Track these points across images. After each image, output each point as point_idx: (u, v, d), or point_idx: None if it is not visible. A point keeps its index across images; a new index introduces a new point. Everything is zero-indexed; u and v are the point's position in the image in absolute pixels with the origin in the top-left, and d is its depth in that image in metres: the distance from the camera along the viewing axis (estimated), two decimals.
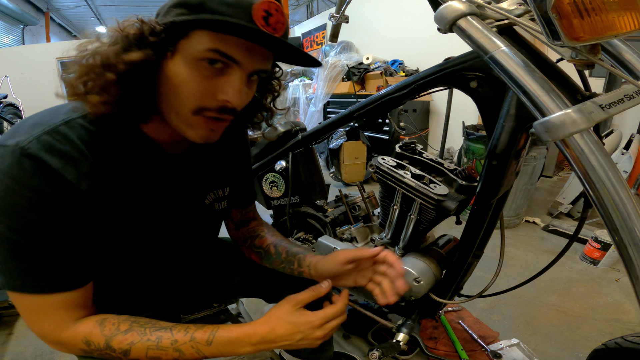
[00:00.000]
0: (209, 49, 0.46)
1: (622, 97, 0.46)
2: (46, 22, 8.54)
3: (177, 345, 0.52)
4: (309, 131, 1.20)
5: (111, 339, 0.51)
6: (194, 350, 0.52)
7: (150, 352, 0.51)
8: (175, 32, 0.47)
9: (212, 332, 0.54)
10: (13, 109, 3.78)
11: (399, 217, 0.95)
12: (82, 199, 0.47)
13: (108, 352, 0.51)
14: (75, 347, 0.52)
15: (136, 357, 0.52)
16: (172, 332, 0.53)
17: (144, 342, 0.51)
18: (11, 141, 0.44)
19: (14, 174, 0.43)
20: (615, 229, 0.40)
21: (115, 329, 0.52)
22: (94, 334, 0.51)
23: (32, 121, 0.47)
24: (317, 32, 6.24)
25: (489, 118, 0.69)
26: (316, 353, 0.94)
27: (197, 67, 0.47)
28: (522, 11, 0.56)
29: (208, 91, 0.49)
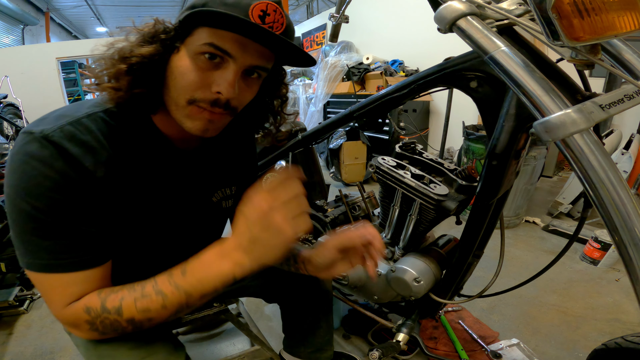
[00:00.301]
0: (205, 42, 0.50)
1: (622, 97, 0.46)
2: (46, 22, 8.54)
3: (157, 287, 0.50)
4: (309, 131, 1.20)
5: (105, 300, 0.51)
6: (172, 287, 0.49)
7: (138, 303, 0.50)
8: (182, 31, 0.52)
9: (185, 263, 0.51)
10: (13, 109, 3.78)
11: (399, 217, 0.95)
12: (98, 184, 0.50)
13: (105, 315, 0.51)
14: (80, 320, 0.51)
15: (130, 315, 0.50)
16: (155, 279, 0.51)
17: (131, 294, 0.51)
18: (37, 129, 0.48)
19: (40, 156, 0.46)
20: (615, 229, 0.40)
21: (110, 290, 0.52)
22: (92, 299, 0.51)
23: (58, 113, 0.52)
24: (317, 32, 6.25)
25: (489, 118, 0.69)
26: (316, 353, 0.94)
27: (196, 60, 0.51)
28: (522, 11, 0.56)
29: (203, 82, 0.52)
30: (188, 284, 0.49)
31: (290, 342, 0.97)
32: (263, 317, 1.45)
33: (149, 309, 0.50)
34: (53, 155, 0.47)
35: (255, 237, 0.47)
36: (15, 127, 3.26)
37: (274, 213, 0.46)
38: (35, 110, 4.20)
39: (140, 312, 0.50)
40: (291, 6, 8.19)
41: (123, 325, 0.51)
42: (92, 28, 10.91)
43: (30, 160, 0.46)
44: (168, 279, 0.50)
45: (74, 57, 6.18)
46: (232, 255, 0.49)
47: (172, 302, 0.50)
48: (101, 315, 0.51)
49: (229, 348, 1.16)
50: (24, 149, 0.47)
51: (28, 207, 0.47)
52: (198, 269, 0.50)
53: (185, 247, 0.70)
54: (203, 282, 0.49)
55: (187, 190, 0.65)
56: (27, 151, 0.47)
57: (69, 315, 0.52)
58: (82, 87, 7.14)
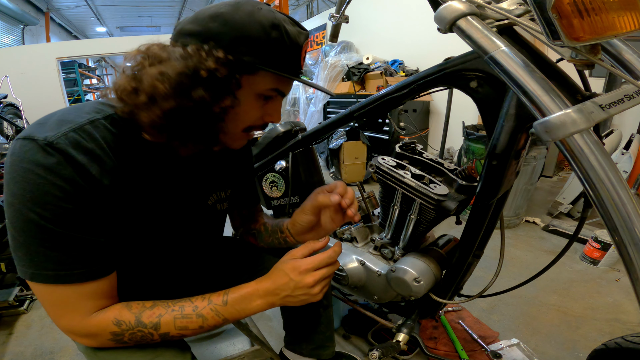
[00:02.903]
0: (271, 88, 0.56)
1: (622, 97, 0.46)
2: (46, 22, 8.53)
3: (198, 310, 0.56)
4: (309, 131, 1.20)
5: (140, 315, 0.53)
6: (213, 312, 0.57)
7: (178, 322, 0.55)
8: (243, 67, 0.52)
9: (225, 294, 0.59)
10: (13, 109, 3.78)
11: (399, 217, 0.95)
12: (105, 192, 0.50)
13: (140, 328, 0.53)
14: (105, 331, 0.52)
15: (166, 330, 0.55)
16: (192, 301, 0.57)
17: (170, 313, 0.55)
18: (40, 135, 0.46)
19: (46, 164, 0.45)
20: (615, 229, 0.40)
21: (142, 306, 0.55)
22: (123, 313, 0.53)
23: (58, 118, 0.49)
24: (317, 32, 6.24)
25: (489, 118, 0.69)
26: (317, 349, 0.95)
27: (258, 99, 0.57)
28: (522, 11, 0.56)
29: (260, 116, 0.59)
30: (228, 312, 0.58)
31: (292, 339, 0.97)
32: (263, 317, 1.45)
33: (187, 328, 0.56)
34: (60, 163, 0.45)
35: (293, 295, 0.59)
36: (15, 127, 3.26)
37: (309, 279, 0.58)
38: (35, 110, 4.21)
39: (178, 329, 0.55)
40: (291, 6, 8.19)
41: (154, 338, 0.55)
42: (92, 28, 10.90)
43: (36, 168, 0.44)
44: (209, 305, 0.57)
45: (74, 57, 6.18)
46: (268, 298, 0.59)
47: (210, 324, 0.57)
48: (134, 328, 0.53)
49: (229, 348, 1.16)
50: (27, 157, 0.45)
51: (36, 217, 0.45)
52: (239, 302, 0.58)
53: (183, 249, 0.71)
54: (240, 313, 0.59)
55: (184, 194, 0.65)
56: (32, 159, 0.45)
57: (91, 327, 0.52)
58: (82, 87, 7.15)
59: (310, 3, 8.58)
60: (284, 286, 0.58)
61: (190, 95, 0.49)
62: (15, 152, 0.46)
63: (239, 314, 0.58)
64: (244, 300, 0.58)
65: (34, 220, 0.45)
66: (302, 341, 0.95)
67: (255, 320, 1.26)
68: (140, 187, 0.56)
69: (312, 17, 7.51)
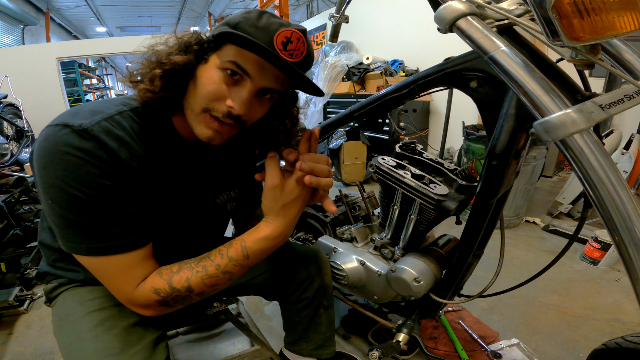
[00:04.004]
0: (230, 60, 0.55)
1: (622, 97, 0.46)
2: (46, 22, 8.53)
3: (222, 268, 0.60)
4: None
5: (171, 281, 0.58)
6: (238, 267, 0.61)
7: (207, 281, 0.59)
8: (214, 44, 0.57)
9: (242, 247, 0.61)
10: (13, 109, 3.77)
11: (399, 217, 0.95)
12: (133, 174, 0.55)
13: (176, 293, 0.58)
14: (151, 300, 0.57)
15: (200, 290, 0.59)
16: (212, 259, 0.61)
17: (195, 275, 0.59)
18: (75, 122, 0.50)
19: (83, 147, 0.49)
20: (615, 229, 0.40)
21: (170, 271, 0.59)
22: (156, 281, 0.58)
23: (90, 108, 0.55)
24: (317, 32, 6.24)
25: (489, 118, 0.69)
26: (317, 349, 0.95)
27: (218, 73, 0.56)
28: (522, 11, 0.56)
29: (220, 95, 0.57)
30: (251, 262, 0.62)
31: (291, 339, 0.97)
32: (263, 317, 1.45)
33: (217, 284, 0.61)
34: (95, 147, 0.50)
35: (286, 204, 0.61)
36: (15, 127, 3.26)
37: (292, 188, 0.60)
38: (35, 110, 4.20)
39: (209, 287, 0.60)
40: (291, 6, 8.19)
41: (194, 298, 0.60)
42: (92, 28, 10.90)
43: (74, 150, 0.49)
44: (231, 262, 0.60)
45: (74, 57, 6.17)
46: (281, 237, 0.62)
47: (237, 276, 0.62)
48: (172, 293, 0.58)
49: (229, 348, 1.16)
50: (64, 141, 0.49)
51: (81, 195, 0.49)
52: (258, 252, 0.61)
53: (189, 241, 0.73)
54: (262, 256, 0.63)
55: (195, 189, 0.69)
56: (69, 143, 0.49)
57: (140, 298, 0.57)
58: (82, 87, 7.15)
59: (310, 3, 8.58)
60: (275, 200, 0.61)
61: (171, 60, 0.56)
62: (49, 137, 0.50)
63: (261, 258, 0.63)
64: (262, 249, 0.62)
65: (80, 198, 0.50)
66: (302, 341, 0.95)
67: (256, 320, 1.26)
68: (161, 176, 0.60)
69: (312, 17, 7.50)
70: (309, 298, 0.89)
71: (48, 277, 0.71)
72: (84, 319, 0.61)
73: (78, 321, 0.61)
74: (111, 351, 0.57)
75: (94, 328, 0.60)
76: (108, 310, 0.63)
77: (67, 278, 0.68)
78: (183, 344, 1.17)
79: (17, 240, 1.77)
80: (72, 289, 0.68)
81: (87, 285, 0.67)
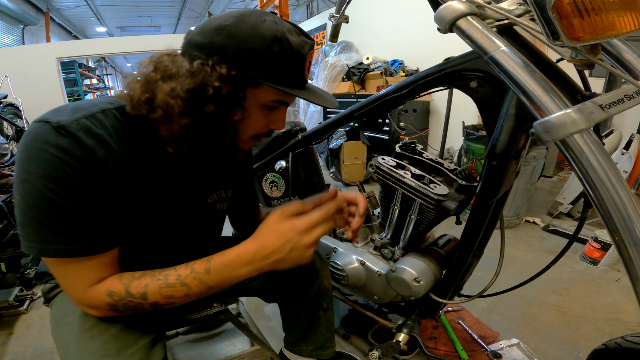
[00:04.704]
0: (275, 100, 0.58)
1: (622, 97, 0.46)
2: (46, 22, 8.53)
3: (181, 279, 0.56)
4: (309, 131, 1.20)
5: (129, 286, 0.55)
6: (197, 281, 0.56)
7: (163, 290, 0.55)
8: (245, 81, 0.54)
9: (207, 261, 0.57)
10: (13, 109, 3.77)
11: (399, 217, 0.95)
12: (109, 174, 0.53)
13: (130, 299, 0.55)
14: (101, 302, 0.55)
15: (154, 300, 0.56)
16: (176, 269, 0.57)
17: (154, 282, 0.56)
18: (54, 118, 0.50)
19: (58, 144, 0.48)
20: (615, 229, 0.40)
21: (131, 277, 0.57)
22: (114, 285, 0.56)
23: (74, 106, 0.54)
24: (317, 32, 6.24)
25: (489, 118, 0.69)
26: (317, 350, 0.95)
27: (262, 110, 0.59)
28: (522, 11, 0.56)
29: (265, 124, 0.62)
30: (212, 281, 0.56)
31: (291, 340, 0.97)
32: (263, 317, 1.45)
33: (173, 296, 0.56)
34: (72, 144, 0.49)
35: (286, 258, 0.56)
36: (15, 127, 3.26)
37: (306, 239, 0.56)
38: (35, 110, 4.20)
39: (165, 298, 0.56)
40: (291, 6, 8.19)
41: (145, 307, 0.57)
42: (92, 28, 10.90)
43: (49, 147, 0.48)
44: (192, 274, 0.56)
45: (74, 57, 6.17)
46: (256, 264, 0.56)
47: (195, 292, 0.57)
48: (125, 299, 0.55)
49: (229, 348, 1.16)
50: (40, 137, 0.48)
51: (49, 193, 0.48)
52: (222, 270, 0.56)
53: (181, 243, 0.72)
54: (225, 281, 0.57)
55: (183, 189, 0.67)
56: (45, 139, 0.48)
57: (90, 298, 0.55)
58: (82, 87, 7.14)
59: (310, 3, 8.58)
60: (279, 248, 0.55)
61: (203, 110, 0.53)
62: (29, 133, 0.50)
63: (223, 283, 0.57)
64: (228, 268, 0.56)
65: (47, 196, 0.48)
66: (302, 342, 0.95)
67: (256, 320, 1.26)
68: (142, 176, 0.58)
69: (312, 17, 7.50)
70: (307, 300, 0.89)
71: (46, 277, 0.71)
72: (80, 320, 0.60)
73: (75, 322, 0.61)
74: (108, 352, 0.57)
75: (91, 328, 0.59)
76: None
77: None
78: (183, 344, 1.17)
79: (17, 240, 1.77)
80: None
81: None
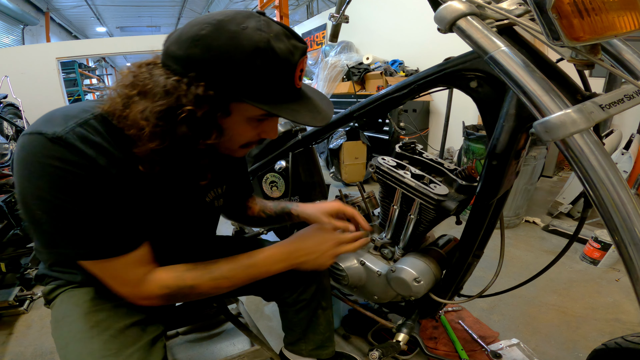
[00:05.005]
0: (262, 113, 0.56)
1: (622, 97, 0.46)
2: (46, 22, 8.52)
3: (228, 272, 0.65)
4: (309, 131, 1.20)
5: (181, 278, 0.62)
6: (241, 273, 0.66)
7: (212, 282, 0.64)
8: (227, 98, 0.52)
9: (250, 256, 0.68)
10: (13, 109, 3.77)
11: (399, 217, 0.95)
12: (114, 180, 0.53)
13: (182, 290, 0.62)
14: (156, 293, 0.60)
15: (201, 291, 0.64)
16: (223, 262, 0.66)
17: (204, 275, 0.64)
18: (49, 130, 0.48)
19: (61, 157, 0.48)
20: (615, 229, 0.40)
21: (181, 270, 0.63)
22: (167, 278, 0.61)
23: (63, 113, 0.52)
24: (317, 32, 6.24)
25: (489, 118, 0.69)
26: (317, 350, 0.95)
27: (250, 123, 0.58)
28: (522, 11, 0.56)
29: (256, 134, 0.61)
30: (253, 273, 0.68)
31: (291, 339, 0.97)
32: (263, 317, 1.45)
33: (220, 287, 0.65)
34: (74, 154, 0.48)
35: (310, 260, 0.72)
36: (15, 127, 3.25)
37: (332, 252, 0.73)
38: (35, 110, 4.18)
39: (212, 288, 0.65)
40: (291, 6, 8.18)
41: (193, 297, 0.64)
42: (92, 28, 10.90)
43: (52, 161, 0.47)
44: (238, 267, 0.67)
45: (74, 57, 6.17)
46: (290, 261, 0.71)
47: (238, 283, 0.67)
48: (178, 290, 0.62)
49: (229, 348, 1.16)
50: (40, 151, 0.48)
51: (69, 205, 0.49)
52: (263, 264, 0.69)
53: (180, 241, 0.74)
54: (263, 274, 0.69)
55: (184, 190, 0.68)
56: (45, 153, 0.47)
57: (145, 292, 0.60)
58: (82, 87, 7.14)
59: (310, 3, 8.58)
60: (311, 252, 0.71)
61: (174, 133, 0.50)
62: (25, 147, 0.49)
63: (262, 276, 0.69)
64: (267, 263, 0.69)
65: (68, 208, 0.49)
66: (301, 341, 0.95)
67: (256, 320, 1.26)
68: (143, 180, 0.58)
69: (312, 17, 7.50)
70: (307, 300, 0.89)
71: (46, 279, 0.71)
72: (80, 321, 0.61)
73: (74, 322, 0.61)
74: (107, 352, 0.57)
75: (90, 329, 0.59)
76: (104, 311, 0.63)
77: (64, 280, 0.68)
78: (183, 344, 1.16)
79: (17, 240, 1.77)
80: (69, 290, 0.67)
81: (84, 286, 0.67)
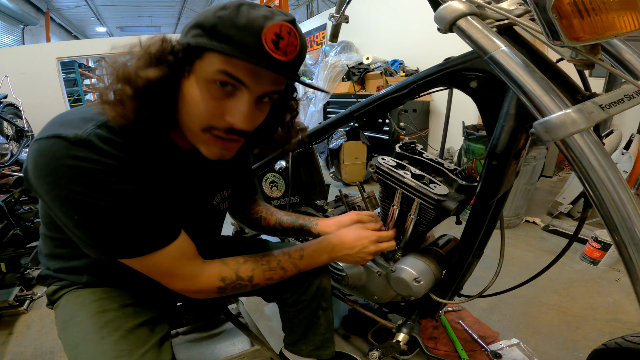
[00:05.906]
0: (219, 70, 0.49)
1: (622, 97, 0.46)
2: (46, 22, 8.53)
3: (281, 264, 0.71)
4: (309, 131, 1.20)
5: (238, 270, 0.66)
6: (292, 265, 0.73)
7: (266, 274, 0.69)
8: (191, 53, 0.50)
9: (301, 248, 0.75)
10: (13, 109, 3.77)
11: (399, 217, 0.94)
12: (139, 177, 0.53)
13: (239, 282, 0.65)
14: (214, 285, 0.63)
15: (257, 281, 0.68)
16: (275, 255, 0.71)
17: (259, 267, 0.68)
18: (70, 133, 0.47)
19: (89, 158, 0.47)
20: (615, 229, 0.40)
21: (236, 263, 0.67)
22: (225, 270, 0.65)
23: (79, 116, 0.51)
24: (317, 32, 6.24)
25: (489, 118, 0.69)
26: (317, 350, 0.95)
27: (208, 87, 0.50)
28: (522, 11, 0.56)
29: (216, 112, 0.52)
30: (302, 264, 0.74)
31: (291, 340, 0.97)
32: (263, 317, 1.45)
33: (272, 278, 0.71)
34: (100, 155, 0.48)
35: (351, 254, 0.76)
36: (15, 127, 3.25)
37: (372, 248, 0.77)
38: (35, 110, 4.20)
39: (266, 279, 0.69)
40: (291, 6, 8.18)
41: (248, 288, 0.67)
42: (92, 28, 10.90)
43: (81, 162, 0.47)
44: (289, 259, 0.73)
45: (74, 57, 6.16)
46: (333, 254, 0.76)
47: (289, 274, 0.73)
48: (235, 282, 0.65)
49: (229, 348, 1.16)
50: (65, 154, 0.47)
51: (106, 204, 0.49)
52: (311, 256, 0.75)
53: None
54: (311, 265, 0.75)
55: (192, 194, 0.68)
56: (72, 155, 0.47)
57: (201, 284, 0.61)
58: (82, 87, 7.14)
59: (310, 3, 8.57)
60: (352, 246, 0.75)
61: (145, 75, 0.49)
62: (45, 152, 0.47)
63: (309, 267, 0.75)
64: (315, 255, 0.75)
65: (105, 207, 0.49)
66: (301, 342, 0.95)
67: (256, 320, 1.26)
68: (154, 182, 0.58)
69: (312, 17, 7.50)
70: (307, 300, 0.89)
71: (49, 280, 0.71)
72: (89, 321, 0.60)
73: (83, 323, 0.61)
74: (119, 353, 0.57)
75: (100, 330, 0.59)
76: (112, 312, 0.63)
77: (69, 281, 0.68)
78: (183, 344, 1.17)
79: (17, 240, 1.77)
80: (73, 291, 0.67)
81: (89, 287, 0.67)
